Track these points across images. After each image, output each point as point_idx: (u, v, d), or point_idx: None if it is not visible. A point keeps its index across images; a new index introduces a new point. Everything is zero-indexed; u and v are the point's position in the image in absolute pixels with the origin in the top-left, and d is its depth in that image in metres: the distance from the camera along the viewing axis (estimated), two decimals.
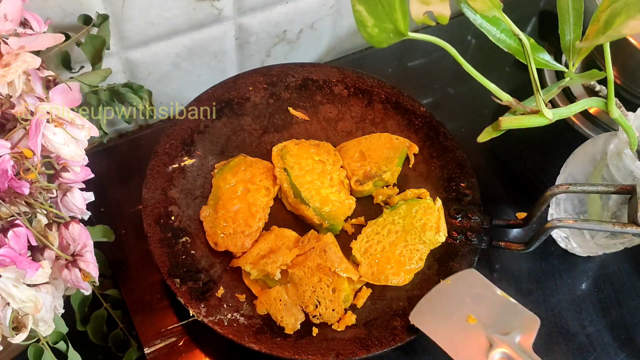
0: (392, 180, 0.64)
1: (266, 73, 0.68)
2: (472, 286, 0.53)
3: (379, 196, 0.63)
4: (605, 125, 0.72)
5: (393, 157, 0.64)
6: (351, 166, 0.63)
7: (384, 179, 0.63)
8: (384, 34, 0.43)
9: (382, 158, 0.63)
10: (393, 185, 0.64)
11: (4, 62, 0.42)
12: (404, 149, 0.65)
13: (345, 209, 0.61)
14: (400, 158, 0.64)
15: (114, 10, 0.58)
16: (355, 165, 0.63)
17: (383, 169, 0.63)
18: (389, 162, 0.63)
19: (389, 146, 0.64)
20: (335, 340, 0.53)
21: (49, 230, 0.43)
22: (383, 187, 0.63)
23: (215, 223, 0.58)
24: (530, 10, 0.89)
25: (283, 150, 0.63)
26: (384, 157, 0.64)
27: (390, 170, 0.63)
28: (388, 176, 0.63)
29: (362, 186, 0.62)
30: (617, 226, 0.50)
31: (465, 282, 0.54)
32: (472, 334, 0.50)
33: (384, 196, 0.63)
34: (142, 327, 0.56)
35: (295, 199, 0.60)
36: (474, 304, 0.52)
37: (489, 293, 0.52)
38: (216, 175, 0.61)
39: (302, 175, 0.61)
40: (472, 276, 0.54)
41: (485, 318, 0.50)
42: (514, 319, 0.50)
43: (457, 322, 0.51)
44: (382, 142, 0.65)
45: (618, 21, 0.42)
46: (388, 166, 0.63)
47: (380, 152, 0.64)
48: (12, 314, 0.39)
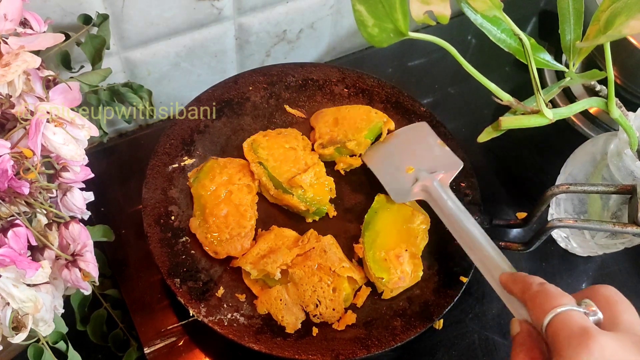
0: (358, 151, 0.64)
1: (266, 73, 0.68)
2: (418, 135, 0.64)
3: (340, 163, 0.64)
4: (606, 125, 0.72)
5: (363, 129, 0.64)
6: (321, 130, 0.64)
7: (348, 147, 0.63)
8: (384, 33, 0.43)
9: (352, 127, 0.64)
10: (358, 156, 0.64)
11: (4, 61, 0.42)
12: (377, 123, 0.65)
13: (326, 190, 0.61)
14: (371, 131, 0.64)
15: (114, 10, 0.58)
16: (326, 129, 0.64)
17: (349, 138, 0.63)
18: (357, 131, 0.63)
19: (364, 117, 0.65)
20: (335, 340, 0.53)
21: (49, 230, 0.43)
22: (347, 156, 0.64)
23: (208, 232, 0.57)
24: (531, 10, 0.89)
25: (254, 144, 0.62)
26: (355, 126, 0.64)
27: (356, 139, 0.63)
28: (353, 145, 0.63)
29: (323, 149, 0.63)
30: (617, 226, 0.50)
31: (415, 132, 0.65)
32: (406, 174, 0.60)
33: (345, 164, 0.63)
34: (142, 327, 0.56)
35: (277, 191, 0.60)
36: (414, 153, 0.62)
37: (431, 141, 0.63)
38: (193, 184, 0.60)
39: (278, 165, 0.61)
40: (422, 127, 0.65)
41: (420, 163, 0.60)
42: (442, 162, 0.60)
43: (397, 166, 0.62)
44: (359, 112, 0.65)
45: (618, 21, 0.42)
46: (355, 135, 0.63)
47: (353, 122, 0.64)
48: (12, 313, 0.39)
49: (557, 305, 0.36)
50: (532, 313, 0.38)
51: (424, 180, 0.58)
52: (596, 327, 0.35)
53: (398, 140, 0.64)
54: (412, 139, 0.64)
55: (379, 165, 0.63)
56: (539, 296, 0.38)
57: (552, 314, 0.36)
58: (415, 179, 0.59)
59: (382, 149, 0.64)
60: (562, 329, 0.35)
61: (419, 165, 0.60)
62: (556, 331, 0.35)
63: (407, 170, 0.60)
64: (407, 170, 0.60)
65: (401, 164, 0.61)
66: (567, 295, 0.38)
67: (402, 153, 0.63)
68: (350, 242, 0.59)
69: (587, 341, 0.33)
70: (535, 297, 0.39)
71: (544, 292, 0.38)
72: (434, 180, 0.58)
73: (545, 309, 0.37)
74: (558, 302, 0.37)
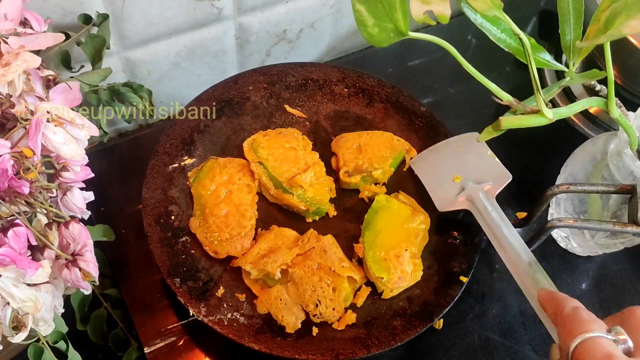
0: (382, 180, 0.64)
1: (266, 73, 0.68)
2: (469, 145, 0.62)
3: (365, 191, 0.63)
4: (606, 125, 0.72)
5: (388, 157, 0.64)
6: (345, 157, 0.63)
7: (374, 176, 0.63)
8: (384, 33, 0.43)
9: (377, 155, 0.63)
10: (382, 184, 0.64)
11: (4, 61, 0.42)
12: (401, 151, 0.65)
13: (326, 189, 0.61)
14: (396, 159, 0.64)
15: (114, 10, 0.58)
16: (350, 157, 0.63)
17: (375, 166, 0.63)
18: (383, 160, 0.63)
19: (388, 145, 0.64)
20: (335, 340, 0.53)
21: (49, 230, 0.43)
22: (371, 184, 0.63)
23: (208, 232, 0.57)
24: (531, 9, 0.89)
25: (254, 144, 0.62)
26: (379, 154, 0.63)
27: (382, 168, 0.63)
28: (378, 174, 0.63)
29: (349, 178, 0.62)
30: (617, 226, 0.50)
31: (466, 141, 0.63)
32: (452, 183, 0.60)
33: (369, 192, 0.63)
34: (142, 326, 0.56)
35: (276, 190, 0.60)
36: (464, 163, 0.61)
37: (481, 152, 0.61)
38: (193, 184, 0.60)
39: (278, 165, 0.61)
40: (473, 137, 0.63)
41: (468, 172, 0.60)
42: (490, 174, 0.59)
43: (445, 174, 0.61)
44: (382, 140, 0.65)
45: (618, 21, 0.42)
46: (381, 164, 0.63)
47: (377, 150, 0.64)
48: (12, 313, 0.39)
49: (586, 331, 0.36)
50: (561, 336, 0.38)
51: (470, 190, 0.58)
52: (622, 355, 0.34)
53: (448, 149, 0.63)
54: (462, 148, 0.63)
55: (426, 171, 0.62)
56: (570, 320, 0.38)
57: (579, 339, 0.35)
58: (462, 188, 0.58)
59: (431, 156, 0.64)
60: (587, 355, 0.35)
61: (467, 175, 0.59)
62: (580, 357, 0.35)
63: (454, 179, 0.59)
64: (455, 179, 0.59)
65: (449, 172, 0.60)
66: (599, 321, 0.37)
67: (451, 161, 0.62)
68: (350, 241, 0.59)
69: None
70: (565, 321, 0.38)
71: (576, 317, 0.38)
72: (480, 191, 0.57)
73: (574, 333, 0.36)
74: (587, 327, 0.36)
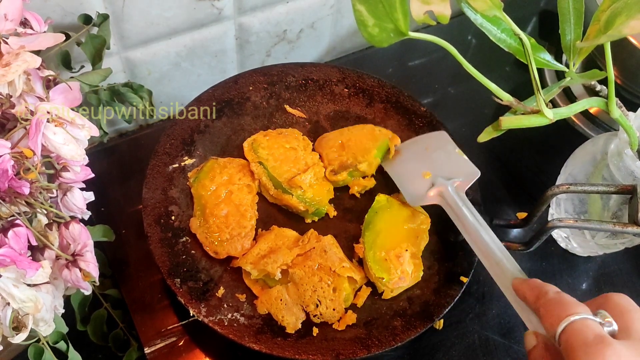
0: (370, 172, 0.63)
1: (266, 73, 0.68)
2: (437, 142, 0.64)
3: (354, 187, 0.63)
4: (606, 125, 0.72)
5: (371, 148, 0.63)
6: (329, 156, 0.63)
7: (360, 170, 0.62)
8: (385, 33, 0.43)
9: (360, 149, 0.63)
10: (371, 176, 0.63)
11: (4, 61, 0.42)
12: (384, 140, 0.64)
13: (325, 190, 0.61)
14: (380, 149, 0.63)
15: (114, 10, 0.58)
16: (334, 155, 0.63)
17: (359, 159, 0.62)
18: (366, 152, 0.62)
19: (370, 137, 0.64)
20: (336, 340, 0.53)
21: (49, 230, 0.43)
22: (360, 178, 0.63)
23: (209, 232, 0.57)
24: (531, 10, 0.89)
25: (254, 144, 0.62)
26: (362, 147, 0.63)
27: (366, 161, 0.62)
28: (364, 167, 0.62)
29: (336, 176, 0.61)
30: (617, 226, 0.50)
31: (434, 139, 0.65)
32: (422, 179, 0.60)
33: (359, 187, 0.62)
34: (142, 327, 0.56)
35: (276, 190, 0.60)
36: (432, 160, 0.62)
37: (450, 149, 0.63)
38: (193, 184, 0.60)
39: (278, 165, 0.61)
40: (441, 135, 0.65)
41: (437, 169, 0.61)
42: (460, 170, 0.60)
43: (414, 171, 0.62)
44: (363, 132, 0.64)
45: (619, 21, 0.42)
46: (365, 157, 0.62)
47: (360, 143, 0.63)
48: (12, 313, 0.39)
49: (572, 314, 0.36)
50: (545, 320, 0.38)
51: (440, 186, 0.58)
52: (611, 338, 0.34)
53: (417, 147, 0.64)
54: (430, 146, 0.64)
55: (396, 169, 0.63)
56: (553, 304, 0.38)
57: (566, 321, 0.36)
58: (432, 184, 0.59)
59: (400, 154, 0.64)
60: (577, 337, 0.35)
61: (436, 171, 0.60)
62: (571, 339, 0.35)
63: (424, 175, 0.60)
64: (424, 176, 0.60)
65: (418, 169, 0.61)
66: (583, 304, 0.37)
67: (420, 159, 0.63)
68: (351, 242, 0.59)
69: (603, 349, 0.33)
70: (549, 305, 0.38)
71: (559, 300, 0.38)
72: (449, 186, 0.58)
73: (559, 316, 0.36)
74: (573, 310, 0.36)
